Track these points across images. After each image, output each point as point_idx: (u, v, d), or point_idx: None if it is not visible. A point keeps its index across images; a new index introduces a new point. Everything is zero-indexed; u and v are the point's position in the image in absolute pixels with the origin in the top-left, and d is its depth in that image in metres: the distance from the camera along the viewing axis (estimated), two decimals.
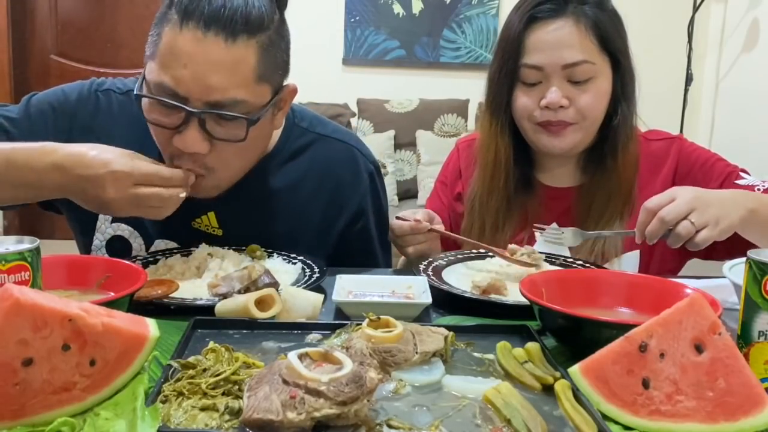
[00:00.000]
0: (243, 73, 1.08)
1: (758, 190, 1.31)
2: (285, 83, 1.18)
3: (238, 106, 1.09)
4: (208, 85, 1.06)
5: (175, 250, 1.25)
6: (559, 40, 1.32)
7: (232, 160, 1.16)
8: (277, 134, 1.29)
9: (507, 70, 1.36)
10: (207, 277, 1.12)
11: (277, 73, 1.14)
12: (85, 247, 1.34)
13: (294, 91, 1.20)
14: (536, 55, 1.33)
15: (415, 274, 1.15)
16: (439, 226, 1.31)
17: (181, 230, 1.27)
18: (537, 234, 1.39)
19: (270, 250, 1.26)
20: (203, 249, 1.21)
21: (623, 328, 0.76)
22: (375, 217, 1.40)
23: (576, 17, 1.32)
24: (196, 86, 1.06)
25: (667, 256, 1.38)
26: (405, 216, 1.30)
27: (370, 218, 1.38)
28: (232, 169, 1.19)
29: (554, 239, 1.33)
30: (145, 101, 1.11)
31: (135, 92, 1.12)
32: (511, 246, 1.26)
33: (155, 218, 1.11)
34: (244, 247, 1.25)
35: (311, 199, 1.32)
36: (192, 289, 1.08)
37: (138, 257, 1.22)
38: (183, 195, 1.09)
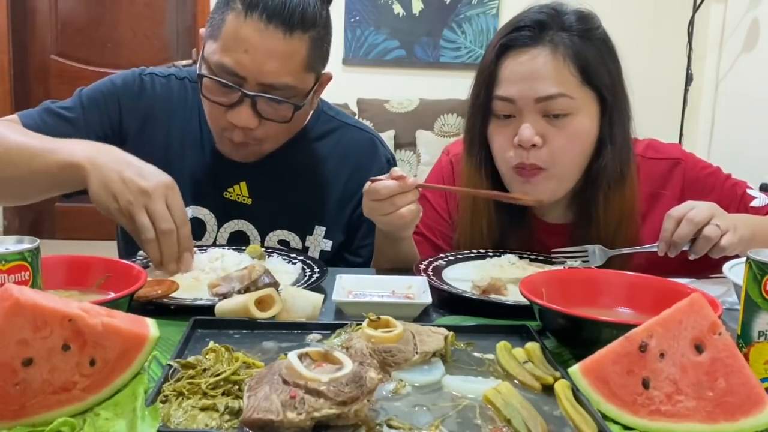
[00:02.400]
0: (295, 62, 1.22)
1: None
2: (323, 71, 1.32)
3: (288, 91, 1.24)
4: (265, 70, 1.20)
5: None
6: (533, 70, 1.21)
7: (277, 133, 1.32)
8: (307, 117, 1.43)
9: (480, 102, 1.28)
10: (207, 277, 1.12)
11: (321, 64, 1.29)
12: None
13: (329, 78, 1.35)
14: (508, 87, 1.23)
15: (414, 274, 1.15)
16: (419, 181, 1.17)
17: (214, 200, 1.40)
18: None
19: (270, 250, 1.27)
20: (210, 253, 1.21)
21: (623, 328, 0.76)
22: None
23: (553, 46, 1.22)
24: (254, 70, 1.20)
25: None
26: (380, 178, 1.15)
27: None
28: (275, 140, 1.34)
29: (580, 259, 1.25)
30: (205, 79, 1.25)
31: (197, 72, 1.26)
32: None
33: (144, 247, 1.11)
34: (244, 247, 1.25)
35: (333, 176, 1.44)
36: (192, 289, 1.08)
37: (138, 257, 1.22)
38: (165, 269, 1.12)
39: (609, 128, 1.27)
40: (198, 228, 1.38)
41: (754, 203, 1.33)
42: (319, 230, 1.42)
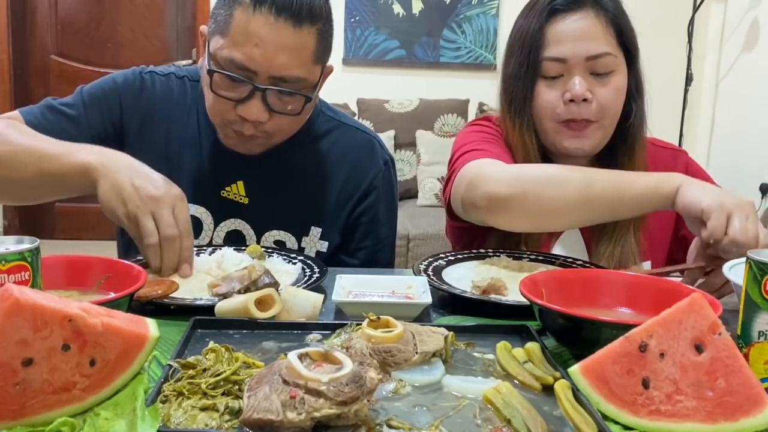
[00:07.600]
0: (305, 55, 1.23)
1: None
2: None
3: (298, 83, 1.25)
4: (276, 64, 1.21)
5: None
6: (582, 31, 1.31)
7: (286, 127, 1.32)
8: (311, 110, 1.41)
9: (528, 65, 1.34)
10: (207, 277, 1.12)
11: (327, 55, 1.30)
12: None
13: (331, 70, 1.34)
14: (559, 47, 1.32)
15: (415, 274, 1.15)
16: None
17: (211, 199, 1.40)
18: None
19: (270, 250, 1.27)
20: (213, 254, 1.21)
21: (623, 328, 0.75)
22: (384, 200, 1.47)
23: (596, 10, 1.32)
24: (265, 63, 1.20)
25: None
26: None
27: (380, 198, 1.46)
28: (284, 133, 1.34)
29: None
30: (216, 75, 1.24)
31: (207, 68, 1.24)
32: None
33: (145, 252, 1.12)
34: (244, 248, 1.25)
35: (330, 177, 1.44)
36: (192, 290, 1.08)
37: (138, 257, 1.22)
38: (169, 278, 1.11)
39: (636, 84, 1.38)
40: (195, 226, 1.36)
41: None
42: (316, 231, 1.42)
